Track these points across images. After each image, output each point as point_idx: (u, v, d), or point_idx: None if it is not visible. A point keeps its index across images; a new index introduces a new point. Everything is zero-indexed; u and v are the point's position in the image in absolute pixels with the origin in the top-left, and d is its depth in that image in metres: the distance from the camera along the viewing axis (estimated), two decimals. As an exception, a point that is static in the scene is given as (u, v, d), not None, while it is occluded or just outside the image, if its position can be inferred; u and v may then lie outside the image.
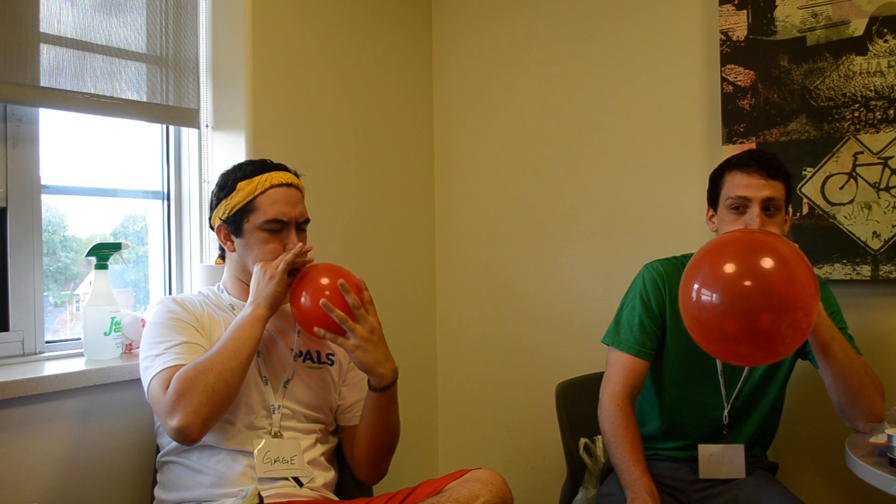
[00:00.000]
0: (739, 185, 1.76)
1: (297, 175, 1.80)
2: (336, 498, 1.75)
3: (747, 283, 1.47)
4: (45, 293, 1.92)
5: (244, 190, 1.70)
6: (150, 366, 1.60)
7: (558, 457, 2.19)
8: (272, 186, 1.71)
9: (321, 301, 1.60)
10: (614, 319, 1.93)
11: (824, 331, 1.68)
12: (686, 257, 1.97)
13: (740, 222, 1.75)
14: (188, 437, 1.51)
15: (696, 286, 1.53)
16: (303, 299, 1.65)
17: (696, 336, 1.56)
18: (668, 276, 1.89)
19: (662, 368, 1.91)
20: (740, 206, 1.76)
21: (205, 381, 1.51)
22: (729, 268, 1.50)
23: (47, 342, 1.92)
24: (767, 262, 1.48)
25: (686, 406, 1.90)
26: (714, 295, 1.50)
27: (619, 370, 1.85)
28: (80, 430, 1.79)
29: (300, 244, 1.70)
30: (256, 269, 1.67)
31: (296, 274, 1.69)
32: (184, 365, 1.56)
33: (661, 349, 1.90)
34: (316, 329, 1.62)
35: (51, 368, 1.79)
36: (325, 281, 1.65)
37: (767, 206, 1.75)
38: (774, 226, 1.75)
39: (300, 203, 1.76)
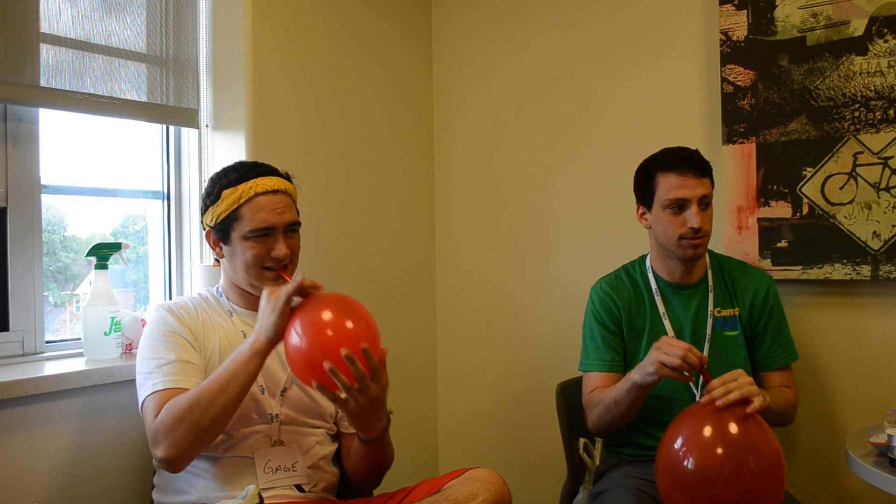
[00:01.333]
0: (675, 186, 1.87)
1: (288, 177, 1.74)
2: (335, 498, 1.75)
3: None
4: (45, 293, 1.92)
5: (229, 199, 1.65)
6: (143, 384, 1.60)
7: (558, 457, 2.19)
8: (257, 195, 1.65)
9: (327, 366, 1.44)
10: (581, 349, 2.03)
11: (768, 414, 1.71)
12: (626, 267, 2.07)
13: (680, 219, 1.87)
14: (171, 467, 1.52)
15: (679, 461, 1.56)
16: (297, 337, 1.50)
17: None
18: (614, 289, 2.02)
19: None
20: (679, 206, 1.87)
21: (190, 418, 1.49)
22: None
23: (47, 342, 1.92)
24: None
25: (661, 404, 1.93)
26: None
27: (593, 384, 1.96)
28: (80, 430, 1.79)
29: (302, 276, 1.56)
30: (263, 298, 1.59)
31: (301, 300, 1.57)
32: (173, 389, 1.55)
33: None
34: (316, 385, 1.48)
35: (51, 368, 1.79)
36: (327, 316, 1.50)
37: (701, 203, 1.88)
38: (708, 218, 1.90)
39: (288, 209, 1.69)
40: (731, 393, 1.57)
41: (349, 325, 1.50)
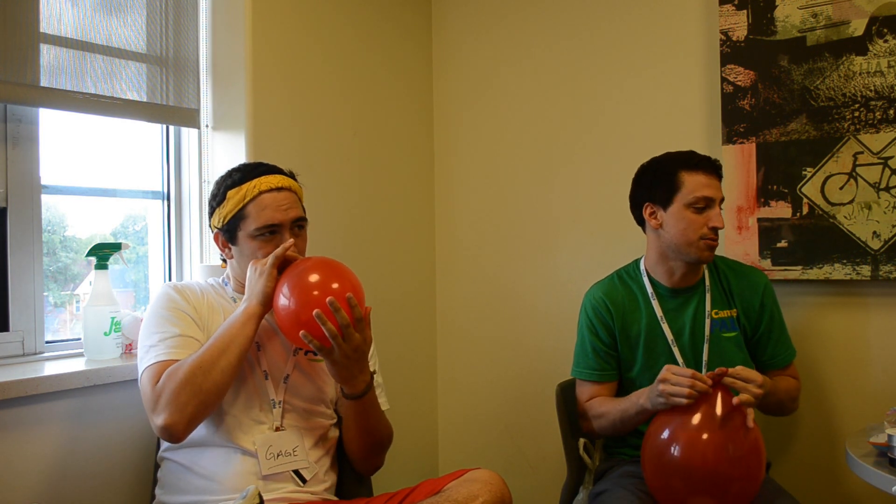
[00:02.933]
0: (703, 185, 1.89)
1: (292, 175, 1.76)
2: (336, 499, 1.75)
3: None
4: (45, 293, 1.92)
5: (234, 199, 1.67)
6: (144, 357, 1.61)
7: (558, 457, 2.19)
8: (261, 193, 1.67)
9: (315, 312, 1.52)
10: (574, 353, 2.05)
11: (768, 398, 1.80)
12: (620, 272, 2.07)
13: (702, 218, 1.87)
14: (173, 435, 1.52)
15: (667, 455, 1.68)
16: (285, 299, 1.58)
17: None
18: (608, 296, 2.01)
19: (631, 374, 1.99)
20: (703, 205, 1.88)
21: (192, 381, 1.50)
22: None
23: (47, 342, 1.92)
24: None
25: None
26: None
27: (587, 393, 2.00)
28: (80, 431, 1.79)
29: (291, 240, 1.66)
30: (249, 268, 1.67)
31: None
32: (174, 360, 1.56)
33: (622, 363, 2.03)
34: (302, 333, 1.54)
35: (51, 368, 1.79)
36: (314, 278, 1.59)
37: (720, 206, 1.93)
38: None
39: (294, 206, 1.71)
40: (749, 401, 1.66)
41: (334, 283, 1.59)
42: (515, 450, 2.73)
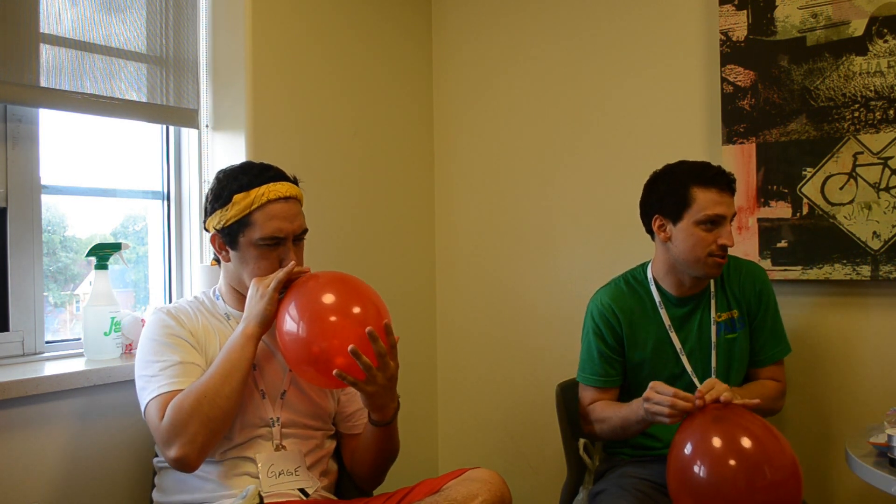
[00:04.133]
0: (715, 202, 1.84)
1: (296, 181, 1.72)
2: (335, 498, 1.75)
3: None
4: (45, 293, 1.92)
5: (240, 204, 1.62)
6: (146, 387, 1.58)
7: (558, 457, 2.19)
8: (270, 201, 1.63)
9: (350, 348, 1.47)
10: (580, 358, 2.03)
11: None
12: (626, 276, 2.04)
13: (711, 235, 1.83)
14: (187, 466, 1.51)
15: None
16: (293, 324, 1.53)
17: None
18: (615, 302, 1.97)
19: (639, 379, 1.97)
20: (713, 223, 1.84)
21: (199, 410, 1.49)
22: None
23: (47, 342, 1.92)
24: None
25: None
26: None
27: (590, 397, 1.98)
28: (80, 431, 1.79)
29: (293, 262, 1.62)
30: (251, 286, 1.63)
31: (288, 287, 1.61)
32: (179, 390, 1.55)
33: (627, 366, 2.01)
34: (336, 372, 1.49)
35: (51, 368, 1.79)
36: (329, 300, 1.54)
37: (731, 222, 1.89)
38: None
39: (298, 216, 1.68)
40: (730, 399, 1.63)
41: (356, 308, 1.54)
42: (515, 450, 2.73)
